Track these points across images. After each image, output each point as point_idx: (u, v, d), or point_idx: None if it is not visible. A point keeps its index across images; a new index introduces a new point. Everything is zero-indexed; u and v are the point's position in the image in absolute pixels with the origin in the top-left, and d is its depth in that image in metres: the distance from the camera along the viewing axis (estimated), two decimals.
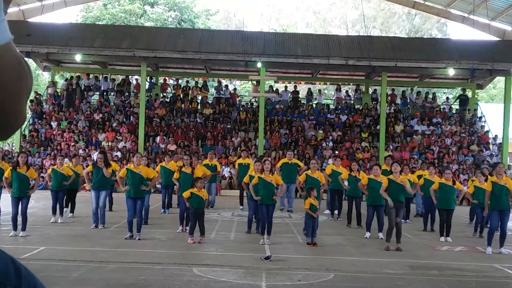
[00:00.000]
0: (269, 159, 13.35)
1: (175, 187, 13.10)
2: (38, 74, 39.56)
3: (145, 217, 12.32)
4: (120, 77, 29.12)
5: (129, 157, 20.90)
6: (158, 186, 17.73)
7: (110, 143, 23.78)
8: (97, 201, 11.94)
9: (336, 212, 14.87)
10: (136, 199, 10.66)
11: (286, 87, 28.54)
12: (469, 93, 29.61)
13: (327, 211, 15.25)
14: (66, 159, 16.56)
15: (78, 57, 23.23)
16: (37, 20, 26.45)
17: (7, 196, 11.34)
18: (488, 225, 12.81)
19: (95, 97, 27.64)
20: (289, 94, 27.69)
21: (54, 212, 12.83)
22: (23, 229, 10.65)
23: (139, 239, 10.45)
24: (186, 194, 10.32)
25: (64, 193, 13.04)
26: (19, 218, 10.64)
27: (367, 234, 11.64)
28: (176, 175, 11.89)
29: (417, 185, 13.01)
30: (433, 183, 12.64)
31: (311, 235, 10.37)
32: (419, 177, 13.81)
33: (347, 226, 13.35)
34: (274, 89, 28.08)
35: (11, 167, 10.93)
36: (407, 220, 14.43)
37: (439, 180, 12.35)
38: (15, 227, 10.63)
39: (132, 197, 10.65)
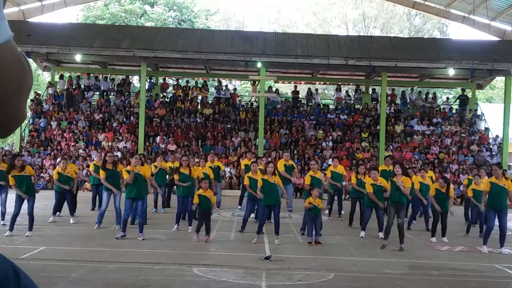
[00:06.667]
0: (270, 159, 13.35)
1: (174, 187, 13.10)
2: (38, 74, 39.52)
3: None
4: (120, 77, 29.14)
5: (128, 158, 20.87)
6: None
7: (110, 143, 23.77)
8: (107, 202, 11.89)
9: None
10: (137, 199, 10.69)
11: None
12: (469, 93, 29.60)
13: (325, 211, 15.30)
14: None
15: (78, 57, 23.22)
16: (37, 20, 26.48)
17: (12, 196, 11.28)
18: (477, 225, 13.22)
19: (95, 97, 27.65)
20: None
21: (54, 213, 12.82)
22: (30, 229, 10.65)
23: (143, 239, 10.46)
24: (195, 198, 10.39)
25: (70, 194, 12.86)
26: (20, 218, 10.60)
27: (362, 233, 11.70)
28: (176, 177, 11.91)
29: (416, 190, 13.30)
30: (426, 185, 13.05)
31: (312, 234, 10.38)
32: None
33: (348, 226, 13.36)
34: (274, 89, 28.03)
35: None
36: (413, 221, 14.45)
37: (436, 187, 12.43)
38: (12, 228, 10.58)
39: (133, 197, 10.66)
